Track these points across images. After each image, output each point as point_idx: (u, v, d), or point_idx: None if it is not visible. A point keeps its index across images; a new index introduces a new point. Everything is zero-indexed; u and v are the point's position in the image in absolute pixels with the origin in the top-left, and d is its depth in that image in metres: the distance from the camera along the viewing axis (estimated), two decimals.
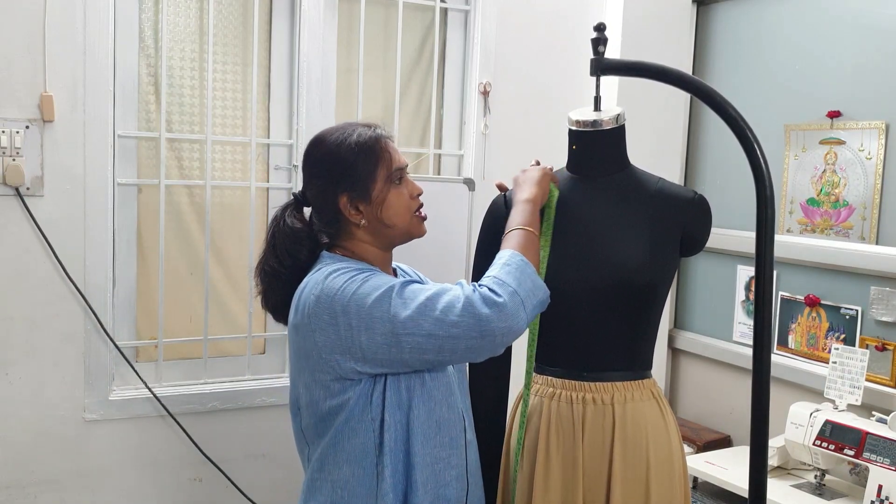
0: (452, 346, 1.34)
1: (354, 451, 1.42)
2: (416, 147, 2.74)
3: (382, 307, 1.35)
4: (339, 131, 1.51)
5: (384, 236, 1.51)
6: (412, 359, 1.37)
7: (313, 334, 1.39)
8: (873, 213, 2.44)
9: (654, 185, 1.65)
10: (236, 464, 2.43)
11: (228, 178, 2.48)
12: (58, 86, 2.14)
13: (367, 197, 1.47)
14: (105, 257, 2.24)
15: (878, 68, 2.42)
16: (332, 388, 1.41)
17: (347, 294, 1.37)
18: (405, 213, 1.51)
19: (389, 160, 1.49)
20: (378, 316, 1.35)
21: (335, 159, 1.48)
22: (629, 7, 2.82)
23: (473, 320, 1.32)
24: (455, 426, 1.50)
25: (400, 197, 1.50)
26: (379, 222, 1.49)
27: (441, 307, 1.34)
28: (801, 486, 2.39)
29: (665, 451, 1.62)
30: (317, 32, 2.48)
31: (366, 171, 1.47)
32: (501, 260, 1.43)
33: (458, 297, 1.34)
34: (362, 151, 1.47)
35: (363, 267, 1.45)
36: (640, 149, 1.89)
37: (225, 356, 2.51)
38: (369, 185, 1.47)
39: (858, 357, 2.37)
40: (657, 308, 1.66)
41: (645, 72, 1.54)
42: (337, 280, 1.39)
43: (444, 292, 1.36)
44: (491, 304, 1.33)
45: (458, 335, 1.33)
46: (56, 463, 2.23)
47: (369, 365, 1.38)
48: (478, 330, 1.33)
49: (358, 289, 1.37)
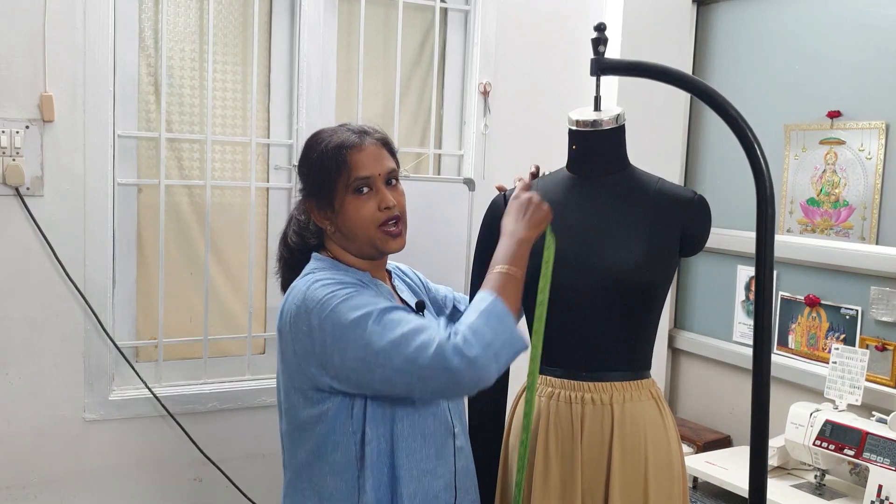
0: (421, 387, 1.33)
1: (337, 465, 1.42)
2: (416, 147, 2.74)
3: (357, 332, 1.33)
4: (322, 135, 1.51)
5: (352, 246, 1.50)
6: (382, 388, 1.36)
7: (293, 343, 1.40)
8: (873, 213, 2.44)
9: (653, 185, 1.65)
10: (236, 464, 2.43)
11: (228, 178, 2.48)
12: (58, 86, 2.13)
13: (331, 205, 1.47)
14: (105, 257, 2.24)
15: (878, 68, 2.42)
16: (310, 397, 1.41)
17: (326, 310, 1.35)
18: (367, 226, 1.46)
19: (350, 169, 1.45)
20: (352, 339, 1.33)
21: (305, 165, 1.51)
22: (629, 7, 2.82)
23: (442, 369, 1.29)
24: (441, 436, 1.49)
25: (359, 208, 1.46)
26: (343, 231, 1.48)
27: (414, 347, 1.30)
28: (801, 486, 2.39)
29: (664, 451, 1.62)
30: (317, 32, 2.48)
31: (326, 180, 1.46)
32: (482, 305, 1.37)
33: (432, 340, 1.30)
34: (323, 160, 1.46)
35: (347, 280, 1.43)
36: (640, 149, 1.89)
37: (225, 356, 2.51)
38: (331, 193, 1.46)
39: (858, 357, 2.37)
40: (657, 308, 1.66)
41: (645, 72, 1.54)
42: (318, 292, 1.38)
43: (421, 331, 1.32)
44: (461, 356, 1.29)
45: (426, 378, 1.31)
46: (56, 463, 2.23)
47: (343, 384, 1.38)
48: (446, 378, 1.30)
49: (337, 306, 1.35)
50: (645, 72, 1.54)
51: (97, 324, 2.23)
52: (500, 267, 1.43)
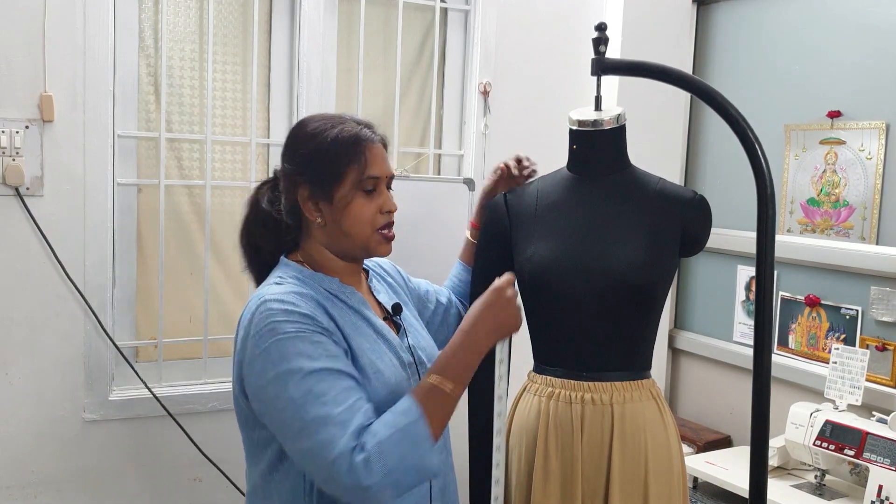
0: (315, 475, 1.24)
1: (285, 495, 1.34)
2: (416, 147, 2.74)
3: (278, 388, 1.23)
4: (324, 120, 1.40)
5: (340, 244, 1.40)
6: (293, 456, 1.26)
7: (241, 352, 1.33)
8: (873, 213, 2.44)
9: (654, 185, 1.65)
10: (236, 464, 2.42)
11: (228, 178, 2.48)
12: (58, 86, 2.13)
13: (329, 196, 1.35)
14: (105, 257, 2.24)
15: (878, 68, 2.42)
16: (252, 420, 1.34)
17: (260, 347, 1.26)
18: (366, 227, 1.38)
19: (365, 164, 1.36)
20: (272, 396, 1.24)
21: (307, 147, 1.37)
22: (629, 7, 2.82)
23: (332, 481, 1.20)
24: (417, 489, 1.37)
25: (364, 207, 1.37)
26: (336, 227, 1.37)
27: (316, 442, 1.19)
28: (802, 487, 2.39)
29: (664, 451, 1.62)
30: (317, 32, 2.48)
31: (333, 169, 1.35)
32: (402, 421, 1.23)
33: (333, 445, 1.18)
34: (337, 147, 1.35)
35: (302, 305, 1.29)
36: (640, 149, 1.89)
37: (225, 356, 2.50)
38: (333, 184, 1.35)
39: (858, 357, 2.37)
40: (657, 308, 1.66)
41: (646, 72, 1.54)
42: (266, 314, 1.27)
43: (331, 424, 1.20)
44: (355, 481, 1.17)
45: (322, 480, 1.22)
46: (56, 463, 2.23)
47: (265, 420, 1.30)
48: (334, 489, 1.21)
49: (272, 344, 1.25)
50: (645, 72, 1.54)
51: (97, 324, 2.23)
52: (437, 379, 1.29)
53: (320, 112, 1.49)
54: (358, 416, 1.22)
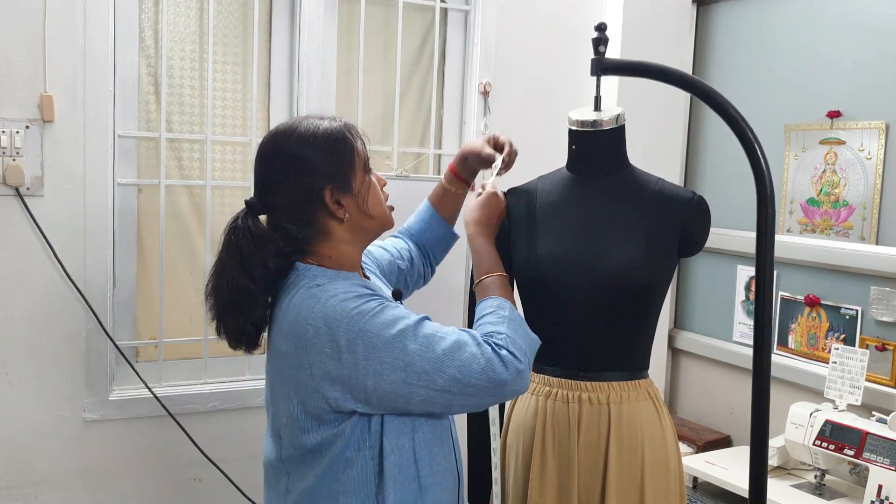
0: (462, 403, 1.30)
1: (351, 483, 1.33)
2: (416, 147, 2.74)
3: (395, 351, 1.26)
4: (299, 125, 1.40)
5: (364, 230, 1.42)
6: (418, 409, 1.30)
7: (309, 367, 1.28)
8: (873, 213, 2.44)
9: (653, 185, 1.65)
10: (236, 464, 2.43)
11: (228, 178, 2.48)
12: (58, 86, 2.13)
13: (349, 188, 1.38)
14: (105, 257, 2.24)
15: (878, 68, 2.42)
16: (325, 420, 1.31)
17: (355, 329, 1.26)
18: (381, 203, 1.45)
19: (362, 148, 1.42)
20: (389, 361, 1.25)
21: (312, 152, 1.36)
22: (629, 7, 2.82)
23: (492, 384, 1.28)
24: (447, 429, 1.47)
25: (375, 186, 1.44)
26: (362, 214, 1.40)
27: (459, 363, 1.27)
28: (801, 486, 2.40)
29: (661, 451, 1.62)
30: (317, 32, 2.48)
31: (345, 162, 1.38)
32: (502, 312, 1.39)
33: (477, 355, 1.28)
34: (338, 141, 1.38)
35: (362, 291, 1.32)
36: (640, 149, 1.89)
37: (225, 356, 2.50)
38: (349, 175, 1.38)
39: (858, 357, 2.37)
40: (655, 308, 1.66)
41: (645, 72, 1.54)
42: (340, 308, 1.27)
43: (463, 346, 1.28)
44: (513, 369, 1.30)
45: (472, 394, 1.29)
46: (56, 463, 2.23)
47: (371, 408, 1.30)
48: (493, 391, 1.30)
49: (367, 323, 1.26)
50: (645, 72, 1.54)
51: (97, 324, 2.23)
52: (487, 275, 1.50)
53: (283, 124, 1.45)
54: (470, 331, 1.34)
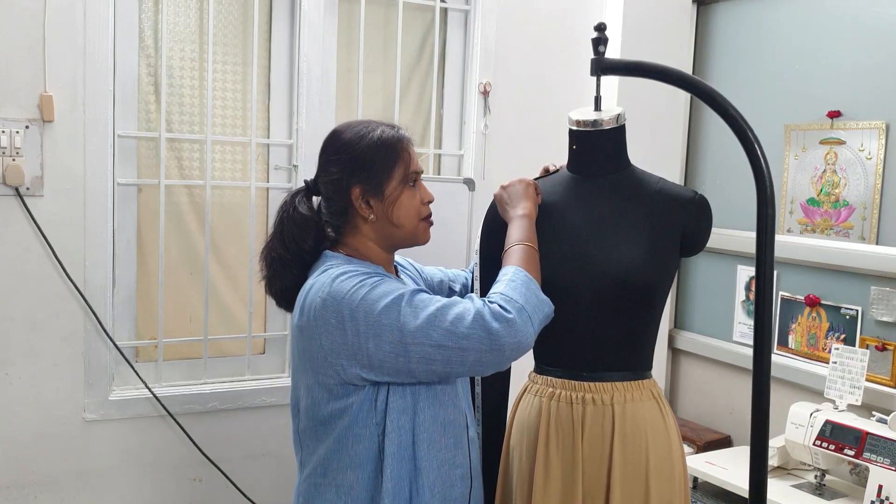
0: (461, 358, 1.35)
1: (358, 457, 1.42)
2: (416, 147, 2.73)
3: (391, 315, 1.35)
4: (362, 125, 1.52)
5: (389, 236, 1.52)
6: (419, 369, 1.37)
7: (319, 338, 1.39)
8: (873, 213, 2.44)
9: (654, 185, 1.65)
10: (236, 464, 2.43)
11: (228, 178, 2.48)
12: (58, 86, 2.13)
13: (380, 193, 1.48)
14: (105, 257, 2.24)
15: (878, 68, 2.42)
16: (335, 392, 1.41)
17: (356, 299, 1.36)
18: (414, 217, 1.52)
19: (408, 161, 1.51)
20: (387, 324, 1.34)
21: (354, 150, 1.49)
22: (629, 7, 2.82)
23: (484, 333, 1.33)
24: (459, 425, 1.51)
25: (412, 199, 1.52)
26: (387, 220, 1.49)
27: (451, 318, 1.34)
28: (801, 486, 2.39)
29: (665, 451, 1.62)
30: (317, 32, 2.48)
31: (383, 167, 1.48)
32: (506, 276, 1.44)
33: (469, 309, 1.35)
34: (383, 147, 1.49)
35: (371, 270, 1.44)
36: (640, 149, 1.89)
37: (225, 356, 2.51)
38: (384, 181, 1.48)
39: (858, 357, 2.37)
40: (657, 308, 1.66)
41: (645, 72, 1.54)
42: (345, 283, 1.38)
43: (455, 304, 1.37)
44: (501, 319, 1.34)
45: (467, 347, 1.34)
46: (56, 463, 2.23)
47: (375, 373, 1.38)
48: (487, 343, 1.34)
49: (367, 294, 1.36)
50: (645, 72, 1.54)
51: (97, 324, 2.23)
52: (514, 243, 1.53)
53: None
54: (468, 296, 1.41)
